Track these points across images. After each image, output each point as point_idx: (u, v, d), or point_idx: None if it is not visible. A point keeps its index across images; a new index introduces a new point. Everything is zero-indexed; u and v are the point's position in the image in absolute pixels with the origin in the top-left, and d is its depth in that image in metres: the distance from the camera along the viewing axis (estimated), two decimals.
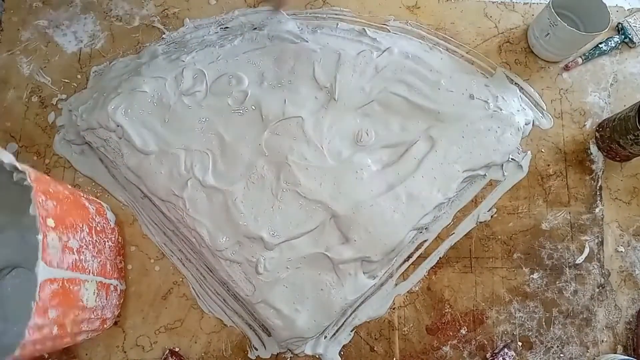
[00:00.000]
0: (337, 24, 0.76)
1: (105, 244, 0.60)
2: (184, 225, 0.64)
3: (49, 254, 0.45)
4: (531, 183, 0.73)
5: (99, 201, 0.64)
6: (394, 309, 0.68)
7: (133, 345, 0.65)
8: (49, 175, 0.69)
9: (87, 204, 0.59)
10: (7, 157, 0.46)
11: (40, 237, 0.44)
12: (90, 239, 0.56)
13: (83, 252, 0.53)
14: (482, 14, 0.79)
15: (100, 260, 0.57)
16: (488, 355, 0.66)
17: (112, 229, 0.63)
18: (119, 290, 0.62)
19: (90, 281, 0.54)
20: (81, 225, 0.54)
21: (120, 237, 0.66)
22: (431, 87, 0.70)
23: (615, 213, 0.72)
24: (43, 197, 0.47)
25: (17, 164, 0.47)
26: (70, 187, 0.59)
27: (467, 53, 0.77)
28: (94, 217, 0.59)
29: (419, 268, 0.69)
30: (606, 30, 0.68)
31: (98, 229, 0.59)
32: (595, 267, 0.70)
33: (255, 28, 0.75)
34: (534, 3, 0.80)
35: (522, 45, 0.78)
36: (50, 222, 0.47)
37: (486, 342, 0.67)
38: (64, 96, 0.72)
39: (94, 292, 0.54)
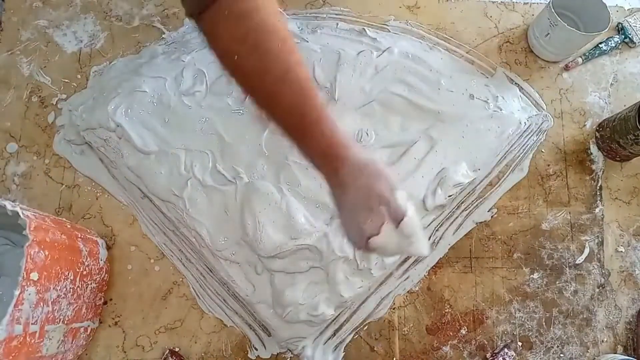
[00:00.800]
0: (337, 24, 0.76)
1: (87, 287, 0.58)
2: (184, 225, 0.64)
3: (20, 309, 0.45)
4: (531, 183, 0.73)
5: (95, 238, 0.63)
6: (394, 309, 0.68)
7: (133, 345, 0.65)
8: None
9: (81, 245, 0.57)
10: (10, 204, 0.47)
11: (17, 292, 0.44)
12: (72, 286, 0.55)
13: (59, 301, 0.52)
14: (482, 14, 0.79)
15: (77, 306, 0.56)
16: (488, 355, 0.66)
17: (99, 268, 0.61)
18: (89, 330, 0.61)
19: (57, 330, 0.53)
20: (67, 273, 0.53)
21: (107, 274, 0.64)
22: (431, 87, 0.70)
23: (615, 213, 0.72)
24: (37, 248, 0.47)
25: (20, 212, 0.47)
26: (70, 224, 0.58)
27: (467, 53, 0.77)
28: (84, 260, 0.57)
29: (419, 268, 0.69)
30: (606, 30, 0.68)
31: (84, 272, 0.57)
32: (595, 267, 0.70)
33: None
34: (534, 3, 0.80)
35: (522, 45, 0.78)
36: (34, 275, 0.46)
37: (486, 342, 0.67)
38: (64, 96, 0.72)
39: (59, 340, 0.53)
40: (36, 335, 0.49)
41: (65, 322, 0.54)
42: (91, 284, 0.59)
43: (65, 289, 0.53)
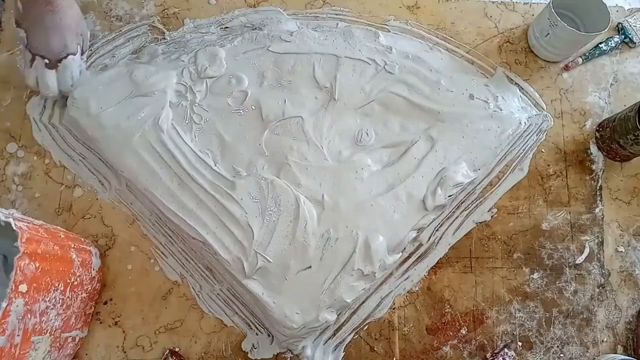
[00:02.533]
0: (337, 24, 0.76)
1: (77, 297, 0.57)
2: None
3: (6, 322, 0.44)
4: (531, 183, 0.73)
5: (89, 248, 0.62)
6: (394, 309, 0.68)
7: (133, 345, 0.65)
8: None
9: (73, 256, 0.56)
10: (3, 215, 0.46)
11: (3, 304, 0.43)
12: (62, 297, 0.53)
13: (48, 312, 0.51)
14: (482, 14, 0.79)
15: (65, 316, 0.55)
16: (488, 355, 0.66)
17: (91, 278, 0.60)
18: (77, 340, 0.60)
19: (44, 340, 0.52)
20: (57, 285, 0.52)
21: (98, 283, 0.63)
22: (431, 87, 0.70)
23: (615, 213, 0.72)
24: (27, 260, 0.46)
25: (13, 223, 0.46)
26: (64, 234, 0.57)
27: (467, 53, 0.77)
28: (76, 271, 0.56)
29: (419, 268, 0.69)
30: (606, 30, 0.68)
31: (75, 283, 0.56)
32: (596, 267, 0.70)
33: (255, 28, 0.75)
34: (534, 3, 0.80)
35: (522, 45, 0.78)
36: (23, 287, 0.45)
37: (486, 342, 0.67)
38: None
39: (45, 350, 0.52)
40: (21, 347, 0.47)
41: (53, 332, 0.53)
42: (81, 294, 0.58)
43: (54, 300, 0.52)
